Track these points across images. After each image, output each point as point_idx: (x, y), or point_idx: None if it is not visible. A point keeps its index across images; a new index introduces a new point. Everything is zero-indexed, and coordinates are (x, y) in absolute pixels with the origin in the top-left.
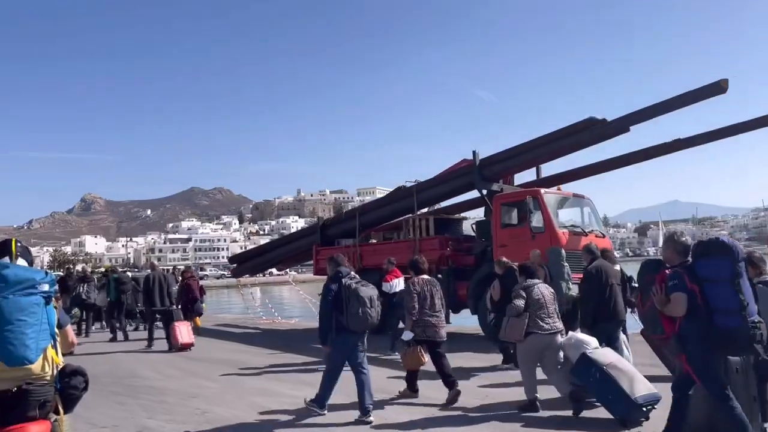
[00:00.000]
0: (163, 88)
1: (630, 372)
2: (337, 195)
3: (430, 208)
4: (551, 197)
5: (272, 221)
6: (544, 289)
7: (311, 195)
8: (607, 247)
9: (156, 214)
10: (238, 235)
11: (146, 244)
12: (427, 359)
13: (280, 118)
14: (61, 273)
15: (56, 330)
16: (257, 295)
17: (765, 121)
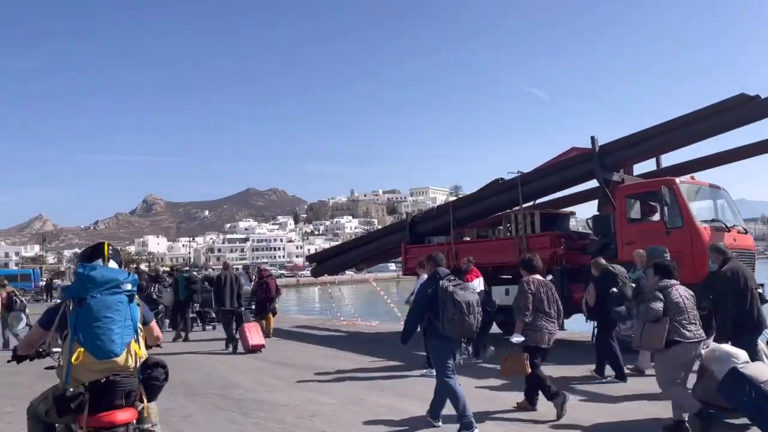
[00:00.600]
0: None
1: None
2: (390, 195)
3: (534, 202)
4: (688, 188)
5: (327, 221)
6: (684, 291)
7: (364, 195)
8: (750, 246)
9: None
10: (294, 235)
11: (205, 243)
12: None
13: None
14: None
15: (140, 326)
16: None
17: None
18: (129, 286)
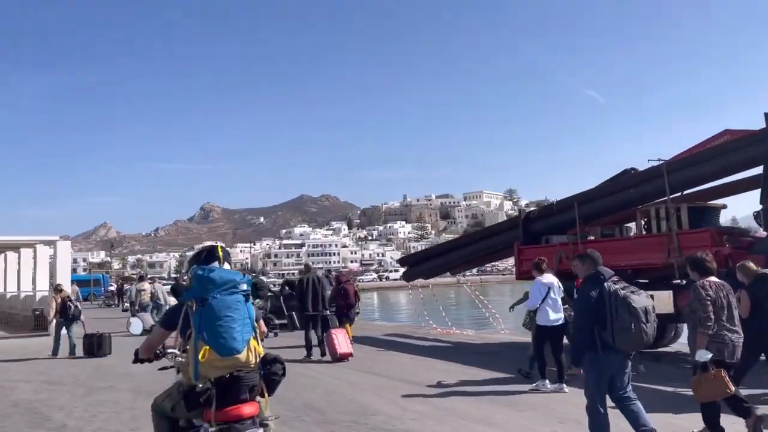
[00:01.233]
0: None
1: None
2: (444, 200)
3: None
4: None
5: (380, 226)
6: None
7: (417, 200)
8: None
9: (268, 221)
10: (348, 240)
11: (262, 249)
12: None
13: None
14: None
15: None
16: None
17: None
18: (245, 286)
